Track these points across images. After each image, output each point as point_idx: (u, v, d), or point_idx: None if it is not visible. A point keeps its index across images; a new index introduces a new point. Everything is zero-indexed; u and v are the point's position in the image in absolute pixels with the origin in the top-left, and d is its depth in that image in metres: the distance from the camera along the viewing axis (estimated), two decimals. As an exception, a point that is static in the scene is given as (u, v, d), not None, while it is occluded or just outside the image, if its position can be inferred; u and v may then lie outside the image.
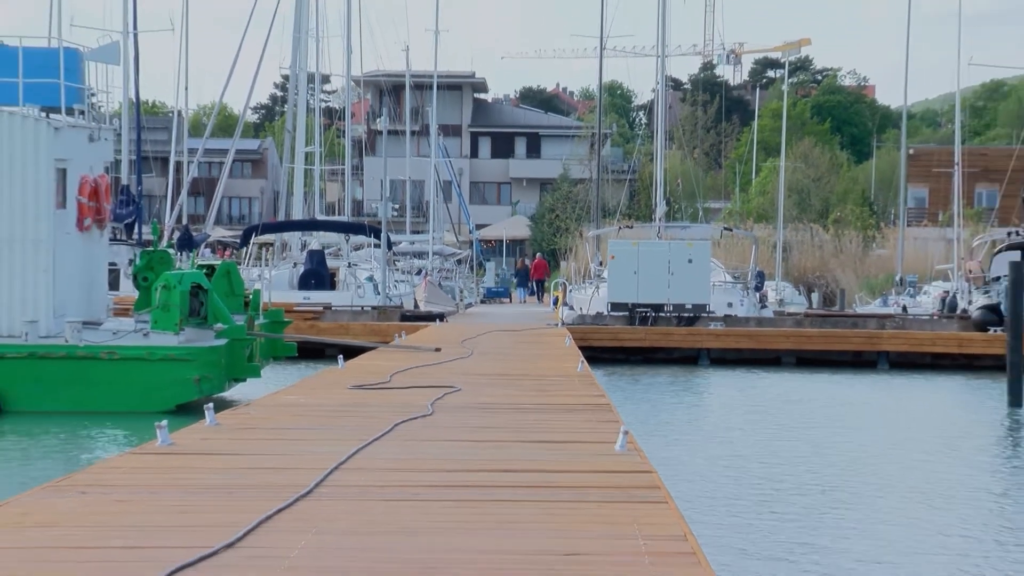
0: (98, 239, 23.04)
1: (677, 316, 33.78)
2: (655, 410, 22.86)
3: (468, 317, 37.87)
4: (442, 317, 34.46)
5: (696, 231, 43.49)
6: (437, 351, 20.25)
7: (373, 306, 34.96)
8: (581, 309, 36.48)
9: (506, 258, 75.81)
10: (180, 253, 31.78)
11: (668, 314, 33.87)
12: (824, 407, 24.48)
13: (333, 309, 33.90)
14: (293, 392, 14.12)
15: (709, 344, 32.59)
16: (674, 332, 33.08)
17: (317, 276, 38.13)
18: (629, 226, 46.22)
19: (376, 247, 40.79)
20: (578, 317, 34.81)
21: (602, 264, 40.25)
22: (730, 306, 36.87)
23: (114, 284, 30.82)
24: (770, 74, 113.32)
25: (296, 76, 43.34)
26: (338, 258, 42.03)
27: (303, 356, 26.70)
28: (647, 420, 20.74)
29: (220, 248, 55.64)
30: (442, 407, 12.20)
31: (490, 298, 57.90)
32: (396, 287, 40.72)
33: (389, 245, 39.61)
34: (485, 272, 66.66)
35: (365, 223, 45.36)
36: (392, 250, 43.00)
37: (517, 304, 54.56)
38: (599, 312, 35.11)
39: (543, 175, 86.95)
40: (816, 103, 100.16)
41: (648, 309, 33.90)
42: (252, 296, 23.92)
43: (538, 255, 66.88)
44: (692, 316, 33.77)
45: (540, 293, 57.72)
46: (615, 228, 44.89)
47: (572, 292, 40.36)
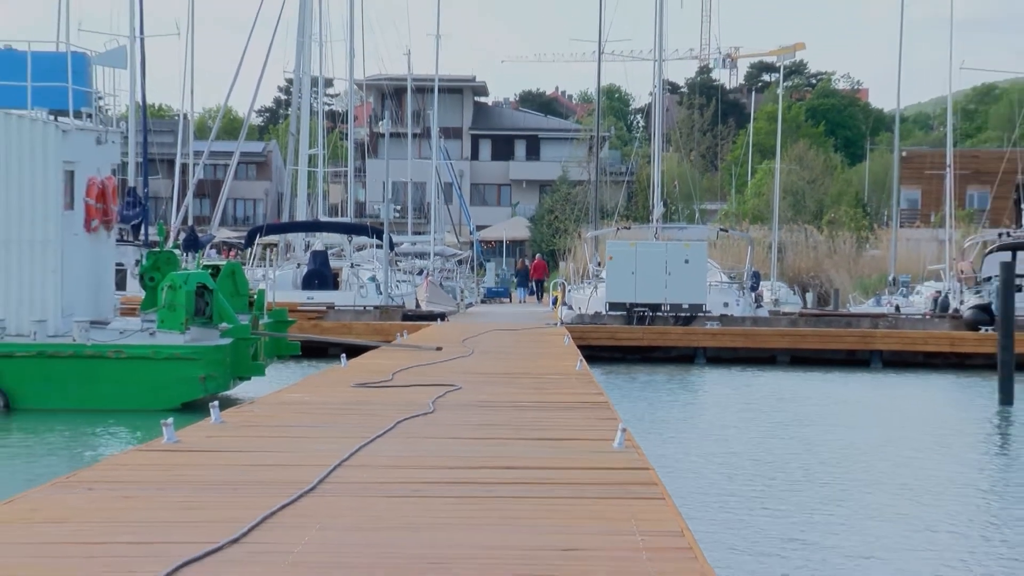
0: (105, 240, 23.04)
1: (674, 316, 33.78)
2: (652, 408, 22.86)
3: (469, 317, 37.87)
4: (443, 317, 34.46)
5: (693, 232, 43.46)
6: (438, 350, 20.25)
7: (375, 306, 34.96)
8: (580, 309, 36.47)
9: (506, 259, 75.79)
10: (186, 254, 31.79)
11: (665, 314, 33.86)
12: (818, 405, 24.48)
13: (336, 309, 33.89)
14: (297, 390, 14.12)
15: (705, 343, 32.59)
16: (671, 331, 33.07)
17: (320, 276, 38.12)
18: (627, 227, 46.23)
19: (378, 248, 40.79)
20: (577, 317, 34.81)
21: (600, 265, 40.25)
22: (726, 306, 36.87)
23: (121, 284, 30.80)
24: (765, 78, 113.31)
25: (300, 80, 43.32)
26: (341, 259, 42.02)
27: (307, 355, 26.72)
28: (644, 418, 20.74)
29: (225, 249, 55.65)
30: (443, 405, 12.20)
31: (490, 298, 57.89)
32: (398, 287, 40.72)
33: (391, 246, 39.59)
34: (485, 272, 66.65)
35: (367, 224, 45.39)
36: (394, 251, 42.95)
37: (517, 304, 54.54)
38: (597, 312, 35.10)
39: (542, 177, 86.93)
40: (811, 106, 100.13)
41: (645, 309, 33.89)
42: (256, 296, 23.93)
43: (538, 256, 66.89)
44: (689, 316, 33.77)
45: (540, 293, 57.72)
46: (613, 229, 44.88)
47: (571, 292, 40.35)
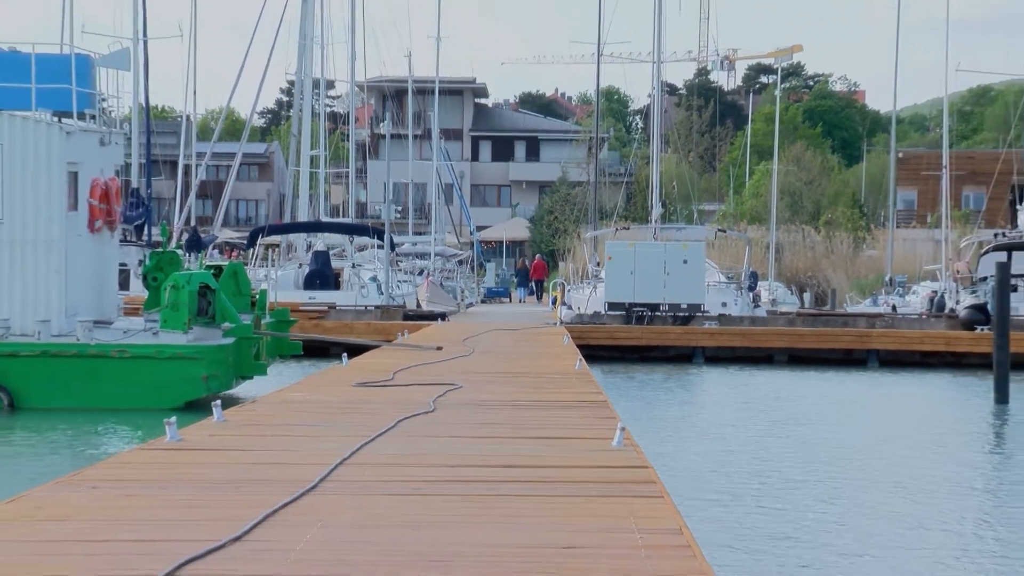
0: (109, 240, 23.04)
1: (672, 315, 33.78)
2: (651, 407, 22.86)
3: (469, 316, 37.87)
4: (444, 316, 34.47)
5: (691, 232, 43.46)
6: (439, 349, 20.25)
7: (376, 306, 34.96)
8: (579, 309, 36.47)
9: (506, 259, 75.78)
10: (188, 254, 31.76)
11: (664, 313, 33.86)
12: (815, 404, 24.49)
13: (337, 308, 33.88)
14: (299, 389, 14.11)
15: (704, 343, 32.59)
16: (670, 331, 33.08)
17: (322, 276, 38.11)
18: (626, 228, 46.21)
19: (379, 248, 40.78)
20: (576, 316, 34.81)
21: (600, 265, 40.24)
22: (724, 306, 36.86)
23: (124, 284, 30.82)
24: (763, 80, 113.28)
25: (301, 82, 43.33)
26: (342, 259, 42.00)
27: (308, 354, 26.70)
28: (643, 416, 20.74)
29: (227, 249, 55.65)
30: (444, 404, 12.20)
31: (490, 298, 57.89)
32: (399, 287, 40.72)
33: (392, 246, 39.59)
34: (485, 272, 66.65)
35: (369, 225, 45.38)
36: (395, 251, 42.95)
37: (517, 304, 54.55)
38: (597, 311, 35.10)
39: (542, 178, 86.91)
40: (808, 108, 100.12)
41: (644, 308, 33.89)
42: (259, 296, 23.93)
43: (537, 256, 66.88)
44: (687, 315, 33.77)
45: (539, 293, 57.72)
46: (612, 230, 44.86)
47: (570, 292, 40.35)
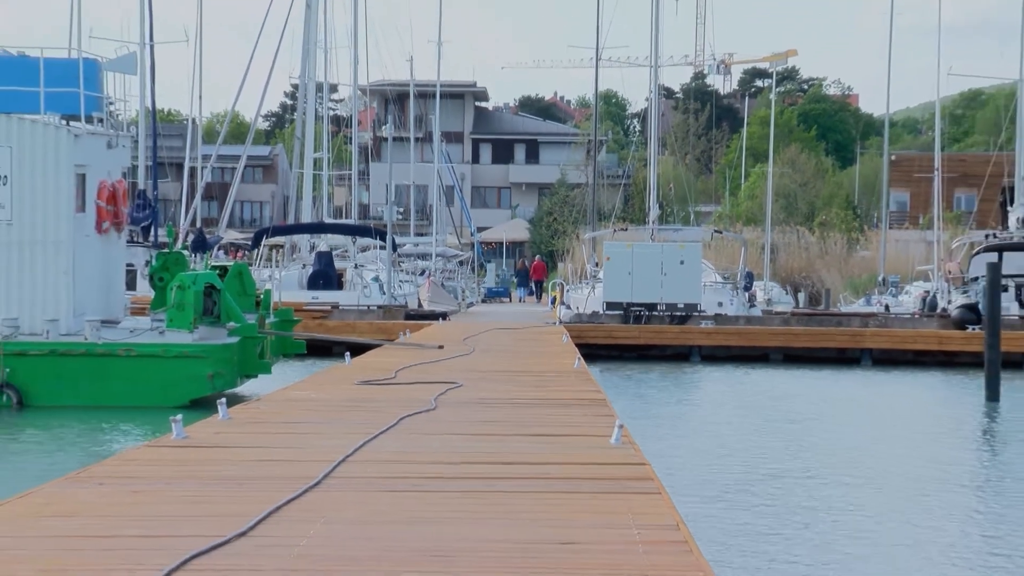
0: (116, 241, 23.04)
1: (670, 315, 33.77)
2: (648, 405, 22.85)
3: (469, 316, 37.86)
4: (445, 316, 34.46)
5: (688, 233, 43.47)
6: (440, 348, 20.24)
7: (379, 305, 34.95)
8: (578, 308, 36.46)
9: (506, 259, 75.78)
10: (194, 255, 31.74)
11: (661, 313, 33.85)
12: (809, 402, 24.47)
13: (340, 308, 33.87)
14: (302, 388, 14.10)
15: (700, 342, 32.57)
16: (667, 330, 33.07)
17: (325, 277, 38.10)
18: (624, 229, 46.18)
19: (381, 249, 40.76)
20: (575, 316, 34.80)
21: (598, 265, 40.22)
22: (720, 305, 36.85)
23: (131, 284, 30.81)
24: (758, 83, 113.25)
25: (305, 85, 43.31)
26: (345, 259, 41.97)
27: (312, 353, 26.67)
28: (641, 414, 20.72)
29: (232, 250, 55.59)
30: (445, 402, 12.19)
31: (491, 298, 57.89)
32: (401, 287, 40.70)
33: (394, 247, 39.58)
34: (486, 273, 66.65)
35: (371, 226, 45.35)
36: (397, 252, 42.93)
37: (517, 304, 54.55)
38: (595, 311, 35.09)
39: (541, 180, 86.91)
40: (802, 111, 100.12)
41: (642, 308, 33.88)
42: (263, 296, 23.93)
43: (537, 257, 66.91)
44: (684, 315, 33.76)
45: (539, 293, 57.71)
46: (610, 231, 44.86)
47: (569, 292, 40.35)
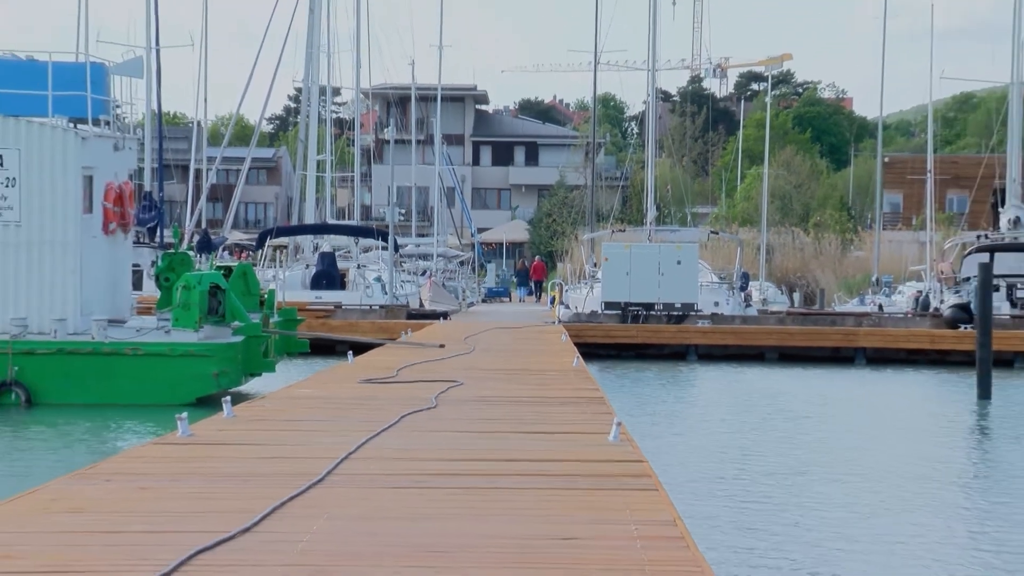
0: (122, 242, 23.03)
1: (667, 314, 33.75)
2: (646, 403, 22.84)
3: (470, 315, 37.86)
4: (446, 315, 34.45)
5: (685, 234, 43.47)
6: (441, 347, 20.23)
7: (381, 305, 34.94)
8: (577, 308, 36.45)
9: (506, 260, 75.76)
10: (199, 255, 31.79)
11: (658, 312, 33.84)
12: (804, 400, 24.46)
13: (343, 308, 33.85)
14: (306, 386, 14.10)
15: (697, 341, 32.56)
16: (664, 329, 33.06)
17: (328, 277, 38.09)
18: (622, 230, 46.17)
19: (383, 249, 40.76)
20: (574, 315, 34.80)
21: (596, 265, 40.21)
22: (716, 305, 36.85)
23: (137, 284, 30.79)
24: (754, 87, 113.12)
25: (308, 89, 43.31)
26: (348, 260, 41.97)
27: (315, 352, 26.68)
28: (638, 412, 20.71)
29: (237, 250, 55.58)
30: (446, 400, 12.19)
31: (491, 298, 57.89)
32: (402, 287, 40.70)
33: (396, 248, 39.57)
34: (486, 273, 66.63)
35: (373, 227, 45.28)
36: (398, 252, 42.93)
37: (516, 303, 54.54)
38: (593, 311, 35.08)
39: (541, 182, 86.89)
40: (797, 114, 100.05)
41: (640, 308, 33.87)
42: (267, 295, 23.92)
43: (536, 257, 66.89)
44: (681, 314, 33.74)
45: (538, 293, 57.70)
46: (609, 232, 44.85)
47: (568, 292, 40.33)
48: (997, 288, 32.06)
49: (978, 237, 39.24)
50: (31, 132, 20.73)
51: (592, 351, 29.62)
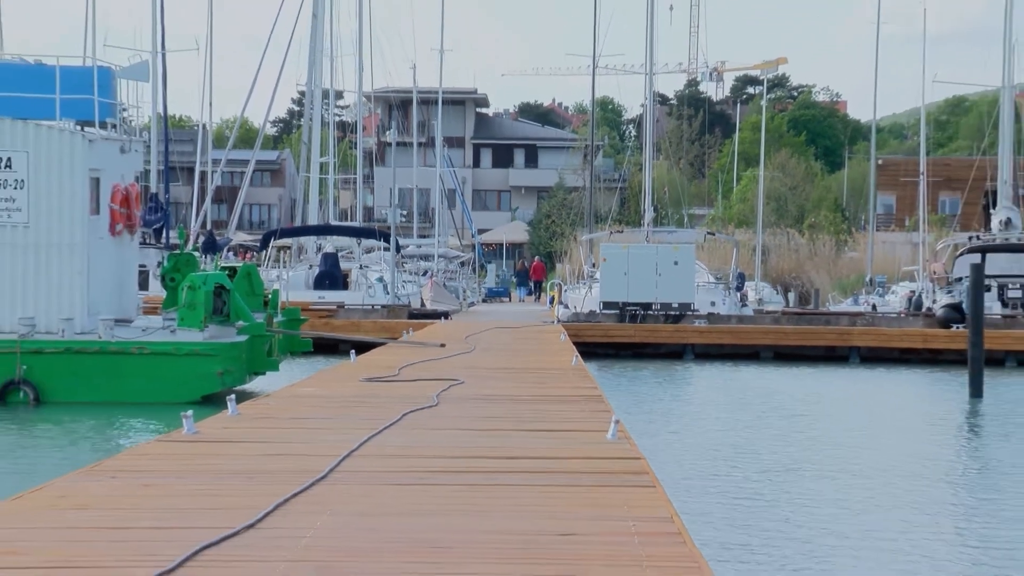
0: (129, 243, 23.03)
1: (664, 314, 33.75)
2: (643, 401, 22.83)
3: (471, 315, 37.86)
4: (447, 315, 34.44)
5: (682, 235, 43.43)
6: (442, 347, 20.23)
7: (383, 305, 34.93)
8: (575, 308, 36.44)
9: (506, 260, 75.76)
10: (204, 256, 31.73)
11: (656, 312, 33.83)
12: (799, 398, 24.46)
13: (346, 308, 33.85)
14: (309, 384, 14.10)
15: (693, 340, 32.56)
16: (661, 329, 33.05)
17: (331, 277, 38.08)
18: (620, 231, 46.17)
19: (385, 250, 40.76)
20: (573, 315, 34.79)
21: (595, 266, 40.21)
22: (713, 305, 36.84)
23: (143, 284, 30.79)
24: (750, 90, 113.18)
25: (312, 92, 43.30)
26: (350, 260, 41.98)
27: (318, 351, 26.68)
28: (636, 410, 20.71)
29: (241, 251, 55.56)
30: (447, 398, 12.18)
31: (491, 297, 57.89)
32: (404, 287, 40.68)
33: (397, 248, 39.57)
34: (486, 273, 66.64)
35: (375, 228, 45.29)
36: (400, 253, 42.92)
37: (516, 303, 54.54)
38: (592, 310, 35.08)
39: (540, 183, 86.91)
40: (792, 117, 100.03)
41: (637, 307, 33.87)
42: (271, 296, 23.91)
43: (536, 258, 66.89)
44: (678, 314, 33.74)
45: (538, 293, 57.70)
46: (607, 233, 44.84)
47: (567, 292, 40.32)
48: (989, 288, 32.04)
49: (970, 238, 39.25)
50: (39, 135, 20.74)
51: (591, 350, 29.62)
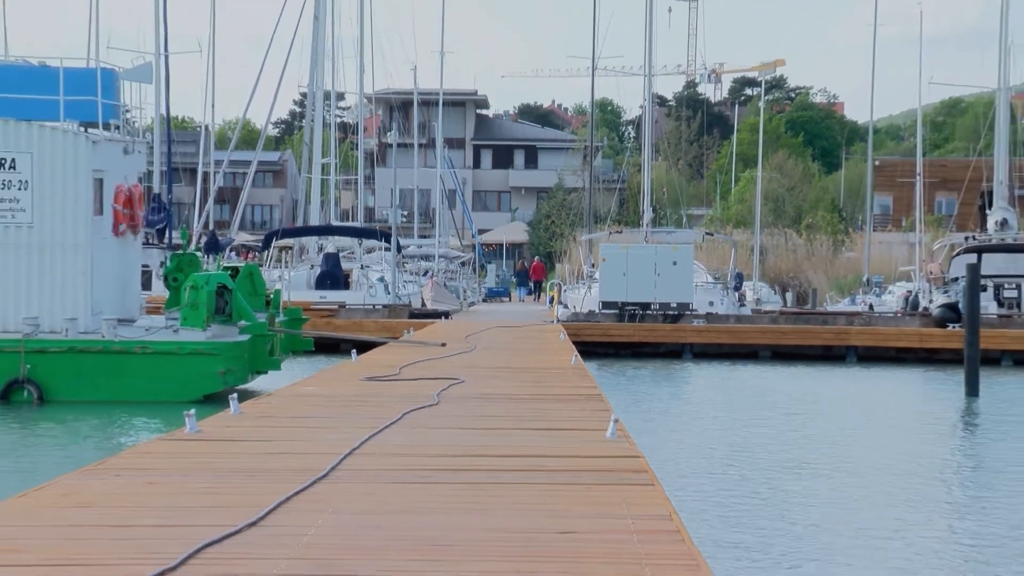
0: (132, 243, 23.03)
1: (663, 314, 33.75)
2: (642, 400, 22.83)
3: (471, 315, 37.86)
4: (447, 315, 34.44)
5: (680, 236, 43.40)
6: (443, 346, 20.23)
7: (384, 304, 34.93)
8: (575, 307, 36.43)
9: (506, 261, 75.76)
10: (207, 256, 31.72)
11: (654, 312, 33.83)
12: (797, 397, 24.46)
13: (347, 307, 33.84)
14: (310, 383, 14.10)
15: (692, 339, 32.55)
16: (660, 328, 33.04)
17: (332, 277, 38.08)
18: (619, 231, 46.13)
19: (386, 250, 40.76)
20: (572, 315, 34.78)
21: (594, 266, 40.19)
22: (711, 304, 36.82)
23: (146, 284, 30.77)
24: (748, 92, 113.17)
25: (313, 93, 43.29)
26: (352, 260, 41.96)
27: (319, 350, 26.68)
28: (635, 409, 20.70)
29: (244, 251, 55.55)
30: (447, 397, 12.18)
31: (491, 297, 57.90)
32: (405, 287, 40.68)
33: (398, 248, 39.57)
34: (487, 273, 66.65)
35: (376, 228, 45.33)
36: (401, 253, 42.94)
37: (516, 303, 54.53)
38: (591, 310, 35.06)
39: (540, 184, 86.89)
40: (790, 118, 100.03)
41: (636, 307, 33.86)
42: (273, 295, 23.91)
43: (536, 258, 66.87)
44: (676, 314, 33.74)
45: (538, 293, 57.70)
46: (606, 233, 44.81)
47: (567, 292, 40.31)
48: (984, 288, 32.04)
49: (966, 238, 39.24)
50: (43, 136, 20.74)
51: (590, 349, 29.61)
